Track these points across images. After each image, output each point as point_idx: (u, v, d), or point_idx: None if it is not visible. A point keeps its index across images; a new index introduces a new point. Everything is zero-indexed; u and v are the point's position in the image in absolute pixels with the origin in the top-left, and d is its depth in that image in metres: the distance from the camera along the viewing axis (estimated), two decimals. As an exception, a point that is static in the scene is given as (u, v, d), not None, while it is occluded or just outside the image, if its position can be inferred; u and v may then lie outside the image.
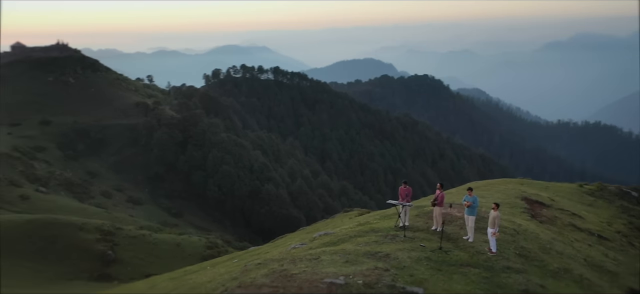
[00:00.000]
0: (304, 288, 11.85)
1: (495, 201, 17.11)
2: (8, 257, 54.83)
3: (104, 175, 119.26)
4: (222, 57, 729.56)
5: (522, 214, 22.18)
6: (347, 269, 13.44)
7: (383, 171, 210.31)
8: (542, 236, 19.02)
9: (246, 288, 11.82)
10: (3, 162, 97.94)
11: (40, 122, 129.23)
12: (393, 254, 14.88)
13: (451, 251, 16.07)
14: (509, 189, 27.31)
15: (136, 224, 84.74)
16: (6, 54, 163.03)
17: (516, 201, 24.18)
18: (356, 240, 16.91)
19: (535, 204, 24.40)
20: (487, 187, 28.39)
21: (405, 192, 18.66)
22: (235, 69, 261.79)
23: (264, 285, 11.96)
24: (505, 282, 14.13)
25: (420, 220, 19.25)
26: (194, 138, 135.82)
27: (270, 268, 13.66)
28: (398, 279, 12.97)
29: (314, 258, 14.60)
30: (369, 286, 12.24)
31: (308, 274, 12.75)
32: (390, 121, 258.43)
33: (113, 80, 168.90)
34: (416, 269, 13.98)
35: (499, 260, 15.74)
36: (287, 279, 12.33)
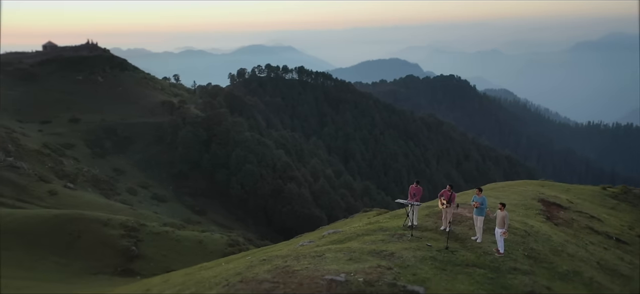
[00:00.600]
0: (304, 284, 11.91)
1: (512, 202, 16.91)
2: (36, 250, 56.38)
3: (129, 172, 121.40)
4: (248, 57, 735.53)
5: (537, 216, 21.80)
6: (350, 266, 13.43)
7: (406, 172, 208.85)
8: (554, 238, 18.67)
9: (247, 283, 11.95)
10: (33, 158, 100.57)
11: (69, 120, 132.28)
12: (398, 253, 14.82)
13: (458, 251, 15.92)
14: (527, 190, 26.85)
15: (160, 220, 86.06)
16: (38, 53, 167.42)
17: (532, 203, 23.77)
18: (363, 239, 16.89)
19: (552, 206, 23.95)
20: (504, 189, 27.97)
21: (415, 192, 18.56)
22: (260, 69, 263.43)
23: (265, 280, 12.06)
24: (510, 283, 13.94)
25: (430, 220, 19.12)
26: (218, 137, 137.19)
27: (274, 264, 13.77)
28: (400, 278, 12.91)
29: (318, 255, 14.65)
30: (369, 283, 12.22)
31: (310, 271, 12.80)
32: (414, 121, 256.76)
33: (140, 79, 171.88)
34: (420, 269, 13.89)
35: (506, 261, 15.53)
36: (288, 275, 12.41)
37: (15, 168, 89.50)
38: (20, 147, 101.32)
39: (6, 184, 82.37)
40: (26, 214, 66.82)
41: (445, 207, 18.16)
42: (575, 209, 24.54)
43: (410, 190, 18.72)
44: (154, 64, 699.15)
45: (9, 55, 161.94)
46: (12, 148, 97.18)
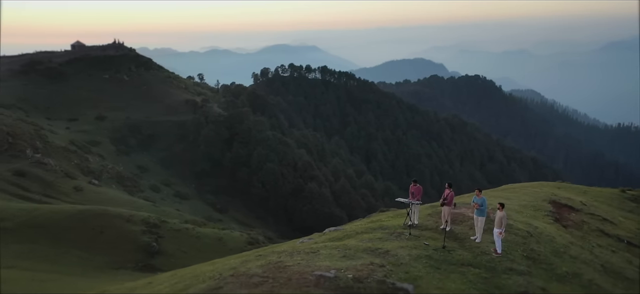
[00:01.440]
0: (292, 279, 12.06)
1: (521, 203, 16.76)
2: (60, 244, 57.83)
3: (153, 170, 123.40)
4: (272, 57, 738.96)
5: (544, 217, 21.52)
6: (342, 263, 13.53)
7: (429, 173, 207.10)
8: (558, 239, 18.43)
9: (238, 277, 12.16)
10: (60, 155, 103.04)
11: (95, 118, 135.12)
12: (393, 251, 14.85)
13: (455, 250, 15.87)
14: (540, 192, 26.48)
15: (181, 218, 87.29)
16: (67, 52, 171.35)
17: (542, 204, 23.45)
18: (361, 236, 16.97)
19: (563, 208, 23.59)
20: (516, 191, 27.64)
21: (415, 191, 18.55)
22: (283, 68, 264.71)
23: (256, 275, 12.25)
24: (504, 283, 13.84)
25: (431, 219, 19.09)
26: (239, 136, 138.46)
27: (268, 259, 13.96)
28: (391, 276, 12.95)
29: (312, 251, 14.78)
30: (358, 280, 12.30)
31: (301, 267, 12.95)
32: (438, 122, 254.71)
33: (164, 78, 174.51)
34: (413, 267, 13.90)
35: (503, 261, 15.43)
36: (279, 270, 12.58)
37: (43, 164, 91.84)
38: (48, 144, 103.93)
39: (33, 180, 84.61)
40: (52, 209, 68.58)
41: (446, 207, 18.11)
42: (587, 211, 24.12)
43: (411, 190, 18.72)
44: (180, 63, 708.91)
45: (39, 54, 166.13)
46: (40, 145, 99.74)
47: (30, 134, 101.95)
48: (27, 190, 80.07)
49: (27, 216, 63.06)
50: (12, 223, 60.27)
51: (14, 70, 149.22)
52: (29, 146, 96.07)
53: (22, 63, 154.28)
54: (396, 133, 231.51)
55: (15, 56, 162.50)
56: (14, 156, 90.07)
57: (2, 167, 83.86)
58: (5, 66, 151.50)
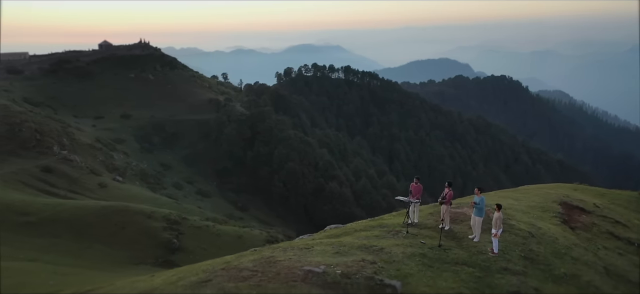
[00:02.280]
0: (281, 273, 12.21)
1: (530, 204, 16.61)
2: (83, 239, 59.21)
3: (176, 167, 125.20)
4: (297, 56, 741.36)
5: (552, 219, 21.19)
6: (333, 259, 13.62)
7: (452, 174, 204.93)
8: (561, 240, 18.15)
9: (228, 271, 12.37)
10: (86, 152, 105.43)
11: (121, 116, 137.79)
12: (387, 249, 14.87)
13: (451, 249, 15.80)
14: (553, 193, 26.05)
15: (202, 215, 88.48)
16: (94, 51, 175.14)
17: (552, 206, 23.09)
18: (359, 234, 17.03)
19: (574, 210, 23.17)
20: (527, 192, 27.22)
21: (416, 190, 18.51)
22: (306, 68, 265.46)
23: (246, 269, 12.44)
24: (497, 283, 13.75)
25: (432, 218, 19.04)
26: (261, 135, 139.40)
27: (261, 254, 14.14)
28: (381, 272, 12.98)
29: (306, 248, 14.91)
30: (346, 276, 12.36)
31: (292, 262, 13.08)
32: (462, 123, 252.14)
33: (188, 77, 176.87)
34: (405, 265, 13.89)
35: (499, 261, 15.30)
36: (269, 265, 12.74)
37: (69, 161, 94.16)
38: (75, 141, 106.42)
39: (60, 176, 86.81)
40: (76, 205, 70.28)
41: (445, 206, 18.02)
42: (599, 213, 23.64)
43: (412, 188, 18.68)
44: (206, 63, 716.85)
45: (68, 53, 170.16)
46: (66, 142, 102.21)
47: (57, 131, 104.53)
48: (53, 186, 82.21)
49: (51, 211, 64.78)
50: (37, 218, 61.98)
51: (43, 69, 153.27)
52: (56, 142, 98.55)
53: (51, 62, 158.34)
54: (419, 133, 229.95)
55: (45, 55, 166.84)
56: (42, 153, 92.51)
57: (30, 164, 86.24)
58: (36, 65, 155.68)
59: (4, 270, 43.56)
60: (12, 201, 65.70)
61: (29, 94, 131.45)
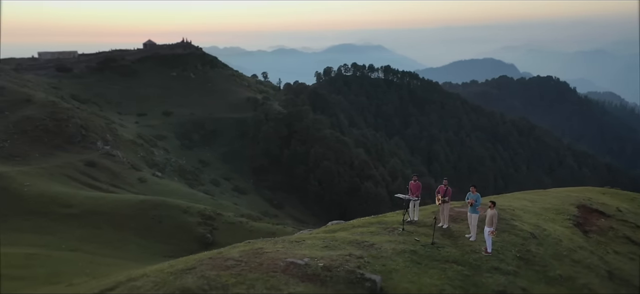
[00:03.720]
0: (264, 264, 12.51)
1: (545, 206, 16.36)
2: (122, 231, 61.45)
3: (214, 164, 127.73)
4: (338, 56, 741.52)
5: (564, 221, 20.69)
6: (320, 253, 13.82)
7: (493, 176, 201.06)
8: (565, 242, 17.72)
9: (215, 260, 12.77)
10: (128, 148, 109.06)
11: (162, 113, 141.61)
12: (378, 245, 14.96)
13: (444, 247, 15.74)
14: (574, 196, 25.36)
15: (237, 211, 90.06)
16: (139, 50, 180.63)
17: (568, 208, 22.50)
18: (355, 230, 17.18)
19: (593, 213, 22.51)
20: (546, 194, 26.56)
21: (415, 188, 18.49)
22: (345, 68, 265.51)
23: (231, 259, 12.79)
24: (484, 282, 13.64)
25: (432, 217, 18.93)
26: (298, 133, 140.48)
27: (251, 246, 14.49)
28: (365, 267, 13.10)
29: (297, 241, 15.20)
30: (327, 269, 12.54)
31: (278, 254, 13.37)
32: (504, 124, 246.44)
33: (229, 76, 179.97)
34: (392, 260, 13.95)
35: (491, 260, 15.14)
36: (255, 256, 13.06)
37: (111, 156, 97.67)
38: (117, 137, 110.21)
39: (102, 170, 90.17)
40: (116, 198, 72.93)
41: (442, 204, 17.94)
42: (620, 217, 22.86)
43: (411, 186, 18.69)
44: (248, 62, 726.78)
45: (114, 52, 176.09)
46: (110, 138, 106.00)
47: (101, 127, 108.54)
48: (96, 180, 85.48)
49: (93, 203, 67.52)
50: (79, 210, 64.73)
51: (91, 67, 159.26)
52: (100, 138, 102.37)
53: (98, 61, 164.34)
54: (459, 134, 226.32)
55: (93, 54, 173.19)
56: (86, 148, 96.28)
57: (75, 158, 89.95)
58: (84, 63, 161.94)
59: (45, 258, 45.85)
60: (57, 193, 68.85)
61: (77, 91, 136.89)
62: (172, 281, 11.22)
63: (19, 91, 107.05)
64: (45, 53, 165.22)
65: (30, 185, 68.85)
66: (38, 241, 53.14)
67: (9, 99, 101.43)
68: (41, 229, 57.71)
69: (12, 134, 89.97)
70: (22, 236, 54.06)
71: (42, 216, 61.21)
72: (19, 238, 52.86)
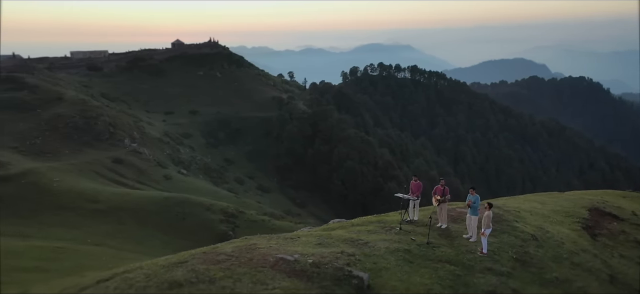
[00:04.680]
0: (254, 259, 12.78)
1: (555, 209, 16.26)
2: (146, 227, 62.86)
3: (238, 163, 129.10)
4: (365, 56, 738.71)
5: (572, 224, 20.38)
6: (312, 249, 14.02)
7: (521, 178, 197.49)
8: (567, 245, 17.47)
9: (207, 254, 13.12)
10: (155, 145, 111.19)
11: (189, 112, 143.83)
12: (372, 243, 15.08)
13: (440, 247, 15.75)
14: (587, 199, 24.90)
15: (260, 210, 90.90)
16: (167, 50, 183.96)
17: (579, 211, 22.13)
18: (353, 228, 17.32)
19: (605, 217, 22.07)
20: (559, 197, 26.13)
21: (415, 187, 18.55)
22: (372, 67, 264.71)
23: (223, 253, 13.11)
24: (475, 282, 13.62)
25: (434, 217, 18.93)
26: (322, 133, 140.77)
27: (247, 242, 14.79)
28: (355, 264, 13.24)
29: (292, 238, 15.44)
30: (316, 265, 12.72)
31: (270, 250, 13.63)
32: (533, 125, 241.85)
33: (254, 75, 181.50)
34: (384, 259, 14.04)
35: (485, 261, 15.08)
36: (247, 251, 13.34)
37: (138, 153, 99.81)
38: (145, 135, 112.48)
39: (129, 167, 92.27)
40: (141, 195, 74.63)
41: (441, 204, 17.95)
42: (634, 221, 22.34)
43: (411, 186, 18.78)
44: (276, 62, 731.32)
45: (143, 52, 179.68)
46: (137, 135, 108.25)
47: (129, 125, 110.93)
48: (123, 176, 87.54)
49: (119, 199, 69.23)
50: (105, 205, 66.47)
51: (120, 67, 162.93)
52: (128, 135, 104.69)
53: (128, 60, 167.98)
54: (487, 135, 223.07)
55: (123, 53, 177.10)
56: (114, 145, 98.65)
57: (103, 155, 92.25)
58: (114, 62, 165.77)
59: (72, 252, 47.25)
60: (84, 189, 70.80)
61: (106, 89, 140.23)
62: (163, 273, 11.64)
63: (51, 89, 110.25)
64: (77, 52, 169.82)
65: (60, 181, 70.96)
66: (66, 235, 54.73)
67: (42, 97, 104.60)
68: (69, 224, 59.34)
69: (44, 131, 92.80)
70: (51, 230, 55.89)
71: (70, 210, 63.07)
72: (49, 232, 54.67)
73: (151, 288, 10.75)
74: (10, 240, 47.89)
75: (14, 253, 41.67)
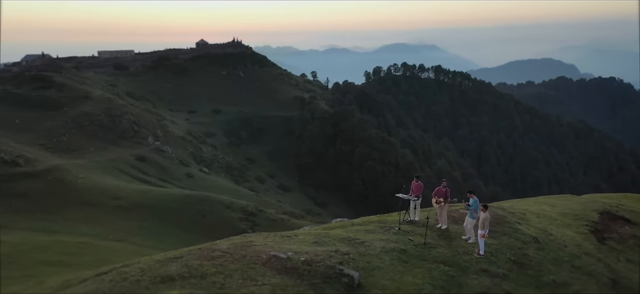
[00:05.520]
0: (247, 256, 13.00)
1: (564, 212, 16.13)
2: (166, 224, 63.90)
3: (260, 161, 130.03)
4: (390, 55, 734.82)
5: (580, 227, 20.06)
6: (307, 248, 14.17)
7: (547, 181, 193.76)
8: (570, 248, 17.21)
9: (202, 251, 13.40)
10: (177, 144, 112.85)
11: (212, 111, 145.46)
12: (368, 242, 15.17)
13: (436, 248, 15.74)
14: (600, 202, 24.41)
15: (280, 209, 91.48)
16: (192, 49, 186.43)
17: (589, 214, 21.75)
18: (353, 228, 17.42)
19: (617, 221, 21.65)
20: (568, 200, 25.71)
21: (416, 188, 18.57)
22: (395, 67, 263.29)
23: (219, 250, 13.37)
24: (469, 283, 13.60)
25: (434, 218, 18.93)
26: (343, 132, 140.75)
27: (243, 239, 15.04)
28: (348, 263, 13.35)
29: (289, 236, 15.65)
30: (307, 263, 12.88)
31: (265, 247, 13.84)
32: (560, 127, 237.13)
33: (277, 75, 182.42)
34: (378, 258, 14.11)
35: (481, 263, 15.01)
36: (242, 248, 13.57)
37: (161, 152, 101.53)
38: (168, 134, 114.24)
39: (152, 165, 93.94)
40: (163, 192, 75.87)
41: (441, 206, 17.92)
42: (648, 226, 21.87)
43: (413, 186, 18.82)
44: (300, 61, 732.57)
45: (168, 51, 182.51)
46: (160, 134, 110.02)
47: (153, 124, 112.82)
48: (145, 173, 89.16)
49: (141, 196, 70.52)
50: (127, 202, 67.79)
51: (146, 66, 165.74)
52: (151, 134, 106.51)
53: (153, 59, 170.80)
54: (512, 137, 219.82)
55: (148, 53, 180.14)
56: (138, 143, 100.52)
57: (127, 152, 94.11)
58: (140, 62, 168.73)
59: (94, 247, 48.36)
60: (107, 186, 72.37)
61: (132, 88, 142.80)
62: (157, 268, 11.98)
63: (78, 88, 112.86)
64: (104, 52, 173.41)
65: (84, 177, 72.62)
66: (89, 230, 55.99)
67: (69, 96, 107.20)
68: (92, 220, 60.62)
69: (70, 129, 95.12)
70: (75, 225, 57.25)
71: (94, 207, 64.49)
72: (73, 227, 56.06)
73: (144, 282, 11.11)
74: (37, 235, 49.40)
75: (40, 248, 42.96)
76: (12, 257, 38.00)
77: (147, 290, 10.71)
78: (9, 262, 36.18)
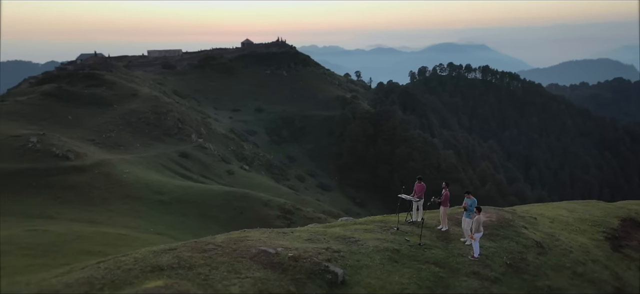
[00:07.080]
0: (237, 250, 13.42)
1: (583, 217, 15.83)
2: (205, 220, 65.61)
3: (300, 160, 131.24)
4: (437, 55, 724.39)
5: (596, 234, 19.43)
6: (298, 244, 14.45)
7: (598, 186, 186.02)
8: (576, 254, 16.71)
9: (197, 244, 13.93)
10: (220, 141, 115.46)
11: (255, 109, 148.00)
12: (362, 241, 15.30)
13: (431, 248, 15.69)
14: (626, 209, 23.49)
15: (318, 208, 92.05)
16: (237, 49, 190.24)
17: (609, 221, 21.00)
18: (352, 227, 17.56)
19: (639, 228, 20.79)
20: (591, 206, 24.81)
21: (419, 189, 18.52)
22: (441, 67, 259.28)
23: (212, 244, 13.87)
24: (457, 285, 13.52)
25: (434, 220, 18.87)
26: (384, 132, 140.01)
27: (238, 234, 15.46)
28: (336, 260, 13.55)
29: (284, 232, 15.97)
30: (294, 259, 13.16)
31: (258, 243, 14.23)
32: (615, 131, 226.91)
33: (320, 74, 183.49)
34: (369, 257, 14.22)
35: (474, 265, 14.84)
36: (235, 243, 14.00)
37: (204, 149, 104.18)
38: (211, 131, 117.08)
39: (194, 161, 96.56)
40: (203, 188, 77.88)
41: (442, 206, 17.81)
42: (673, 235, 20.87)
43: (415, 188, 18.79)
44: (346, 61, 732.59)
45: (214, 51, 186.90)
46: (204, 131, 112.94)
47: (197, 121, 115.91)
48: (188, 170, 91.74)
49: (182, 192, 72.69)
50: (169, 197, 70.00)
51: (193, 65, 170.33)
52: (195, 131, 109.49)
53: (199, 58, 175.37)
54: (562, 140, 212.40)
55: (195, 52, 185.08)
56: (181, 140, 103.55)
57: (171, 149, 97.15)
58: (186, 61, 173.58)
59: (133, 239, 50.30)
60: (150, 180, 74.98)
61: (178, 86, 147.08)
62: (151, 258, 12.62)
63: (127, 86, 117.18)
64: (153, 51, 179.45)
65: (129, 172, 75.48)
66: (131, 223, 58.23)
67: (118, 93, 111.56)
68: (134, 213, 62.97)
69: (118, 125, 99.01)
70: (118, 218, 59.66)
71: (136, 200, 66.94)
72: (116, 220, 58.43)
73: (135, 271, 11.76)
74: (82, 225, 51.81)
75: (83, 238, 45.05)
76: (56, 246, 40.06)
77: (136, 279, 11.35)
78: (53, 251, 38.19)
